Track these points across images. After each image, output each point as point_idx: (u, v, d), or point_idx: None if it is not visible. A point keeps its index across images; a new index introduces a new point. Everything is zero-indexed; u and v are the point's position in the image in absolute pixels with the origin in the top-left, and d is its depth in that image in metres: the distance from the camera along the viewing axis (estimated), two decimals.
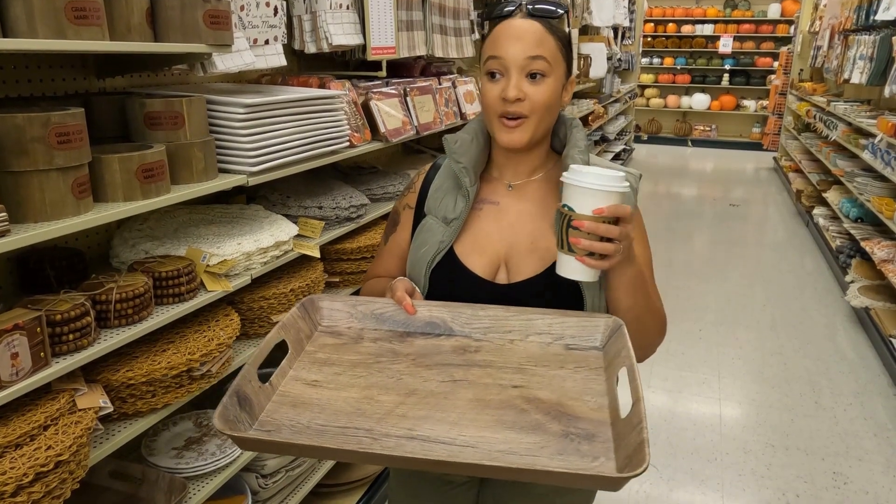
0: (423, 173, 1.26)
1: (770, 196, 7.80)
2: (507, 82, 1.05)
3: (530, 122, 1.07)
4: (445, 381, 0.96)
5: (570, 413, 0.89)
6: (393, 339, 1.08)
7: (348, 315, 1.13)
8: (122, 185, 1.29)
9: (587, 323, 1.05)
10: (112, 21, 1.28)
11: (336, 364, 1.02)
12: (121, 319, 1.32)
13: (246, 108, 1.55)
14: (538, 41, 1.04)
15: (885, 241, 4.23)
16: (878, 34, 4.83)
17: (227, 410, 0.83)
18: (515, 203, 1.17)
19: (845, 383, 3.34)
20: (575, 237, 0.95)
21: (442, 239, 1.15)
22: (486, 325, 1.08)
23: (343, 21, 2.12)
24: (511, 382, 0.96)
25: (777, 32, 10.73)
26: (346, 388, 0.96)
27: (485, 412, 0.89)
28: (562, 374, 0.98)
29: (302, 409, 0.91)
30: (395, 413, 0.89)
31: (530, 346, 1.05)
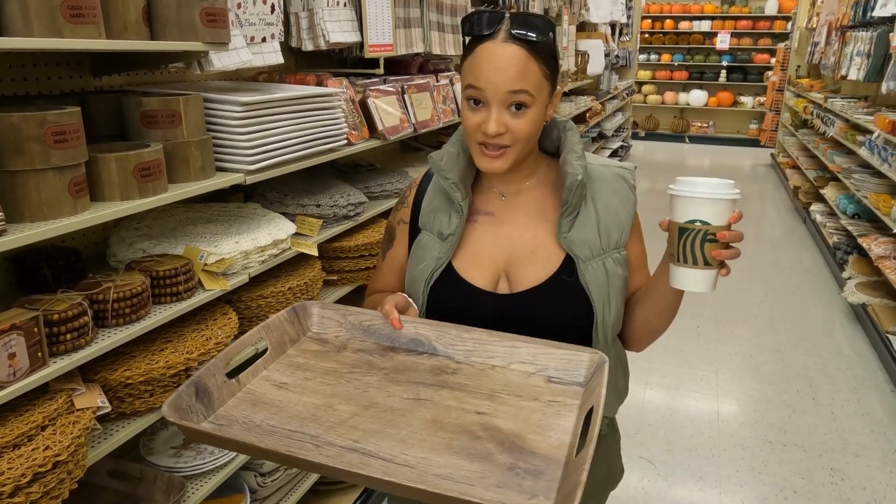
0: (415, 186, 1.23)
1: (767, 192, 7.81)
2: (487, 114, 1.00)
3: (512, 150, 1.04)
4: (408, 399, 0.96)
5: (525, 447, 0.86)
6: (375, 353, 1.08)
7: (338, 324, 1.13)
8: (119, 185, 1.29)
9: (573, 357, 1.02)
10: (108, 19, 1.27)
11: (310, 370, 1.03)
12: (118, 319, 1.31)
13: (243, 107, 1.55)
14: (521, 73, 0.98)
15: (882, 237, 4.24)
16: (876, 30, 4.83)
17: (180, 399, 0.85)
18: (510, 212, 1.15)
19: (842, 379, 3.35)
20: (716, 250, 0.94)
21: (439, 255, 1.13)
22: (469, 348, 1.06)
23: (340, 18, 2.11)
24: (476, 409, 0.94)
25: (774, 29, 10.73)
26: (310, 393, 0.96)
27: (436, 434, 0.88)
28: (532, 406, 0.95)
29: (260, 409, 0.92)
30: (347, 423, 0.89)
31: (511, 374, 1.03)
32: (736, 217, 0.95)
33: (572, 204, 1.07)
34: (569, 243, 1.08)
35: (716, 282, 0.97)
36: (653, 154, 10.37)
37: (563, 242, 1.09)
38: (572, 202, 1.07)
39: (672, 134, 11.54)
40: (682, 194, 0.95)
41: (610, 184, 1.12)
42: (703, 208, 0.94)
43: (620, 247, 1.11)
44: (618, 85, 8.41)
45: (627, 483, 2.53)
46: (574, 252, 1.08)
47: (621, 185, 1.13)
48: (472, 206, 1.15)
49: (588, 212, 1.10)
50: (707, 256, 0.95)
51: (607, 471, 1.25)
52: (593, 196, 1.11)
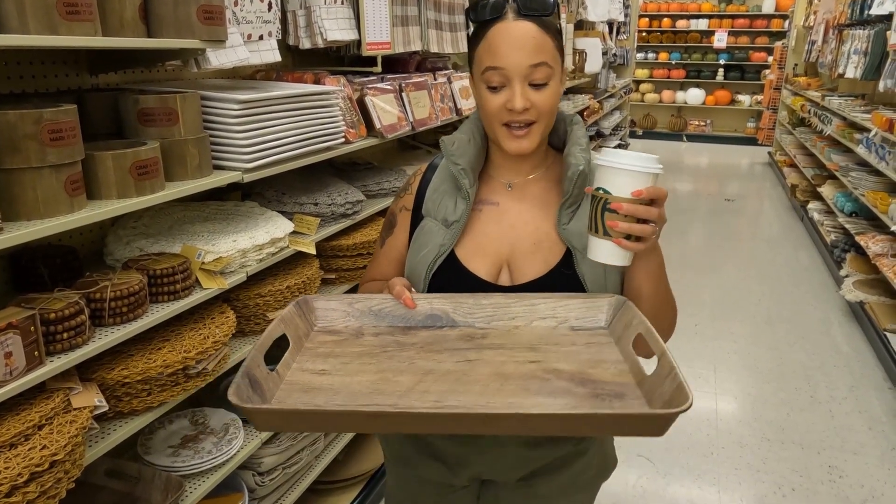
0: (420, 174, 1.23)
1: (765, 191, 7.82)
2: (511, 92, 1.01)
3: (538, 127, 1.05)
4: (460, 362, 0.94)
5: (593, 379, 0.89)
6: (395, 333, 1.05)
7: (345, 314, 1.10)
8: (115, 183, 1.28)
9: (591, 304, 1.05)
10: (105, 16, 1.27)
11: (341, 356, 0.99)
12: (115, 318, 1.31)
13: (240, 105, 1.54)
14: (538, 47, 1.00)
15: (879, 235, 4.25)
16: (873, 28, 4.83)
17: (240, 390, 0.81)
18: (516, 203, 1.15)
19: (840, 377, 3.35)
20: (612, 220, 0.94)
21: (443, 242, 1.12)
22: (489, 314, 1.06)
23: (338, 16, 2.11)
24: (527, 359, 0.95)
25: (772, 27, 10.74)
26: (357, 373, 0.93)
27: (508, 383, 0.88)
28: (575, 349, 0.98)
29: (315, 394, 0.88)
30: (417, 389, 0.87)
31: (536, 329, 1.04)
32: (642, 192, 0.92)
33: (573, 195, 1.07)
34: (568, 235, 1.09)
35: (625, 256, 0.97)
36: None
37: (562, 234, 1.09)
38: (573, 193, 1.07)
39: (670, 132, 11.54)
40: (598, 162, 0.96)
41: None
42: (606, 176, 0.94)
43: None
44: (615, 83, 8.41)
45: (626, 481, 2.53)
46: (572, 244, 1.09)
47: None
48: (478, 195, 1.15)
49: (588, 204, 1.09)
50: (606, 226, 0.95)
51: (600, 462, 1.24)
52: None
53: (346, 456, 2.34)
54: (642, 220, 0.94)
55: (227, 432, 1.70)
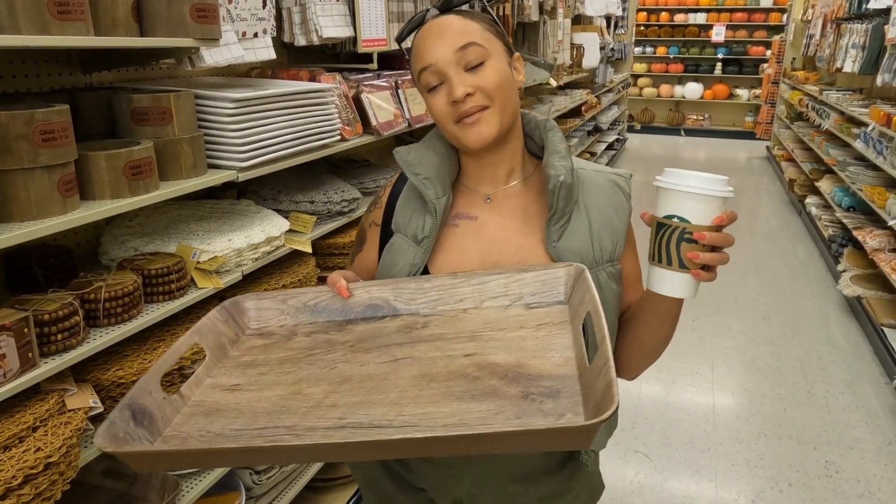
0: (390, 186, 1.14)
1: (763, 185, 7.81)
2: (450, 85, 0.94)
3: (493, 109, 0.95)
4: (386, 362, 0.87)
5: (529, 373, 0.81)
6: (331, 330, 0.98)
7: (279, 312, 1.02)
8: (109, 183, 1.28)
9: (547, 276, 0.95)
10: (97, 15, 1.26)
11: (262, 365, 0.92)
12: (110, 318, 1.31)
13: (235, 103, 1.54)
14: (460, 31, 0.95)
15: (876, 230, 4.25)
16: (871, 22, 4.83)
17: (114, 427, 0.72)
18: (495, 217, 1.05)
19: (837, 372, 3.35)
20: (693, 251, 0.86)
21: (413, 261, 1.03)
22: (434, 298, 0.98)
23: (333, 13, 2.10)
24: (462, 352, 0.87)
25: (770, 21, 10.72)
26: (270, 387, 0.86)
27: (429, 387, 0.81)
28: (521, 335, 0.89)
29: (216, 417, 0.81)
30: (324, 404, 0.80)
31: (486, 312, 0.95)
32: (724, 218, 0.86)
33: (559, 209, 0.99)
34: (559, 254, 1.00)
35: (695, 288, 0.90)
36: (649, 147, 10.36)
37: (552, 252, 1.00)
38: (559, 207, 0.98)
39: (668, 127, 11.53)
40: (665, 185, 0.87)
41: (604, 191, 1.05)
42: (682, 203, 0.86)
43: (614, 259, 1.03)
44: (613, 78, 8.39)
45: (623, 477, 2.54)
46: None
47: (616, 193, 1.05)
48: (453, 208, 1.06)
49: (580, 219, 1.01)
50: (682, 257, 0.86)
51: (589, 495, 1.17)
52: (586, 202, 1.03)
53: None
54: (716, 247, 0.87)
55: None
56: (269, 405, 0.81)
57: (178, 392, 0.84)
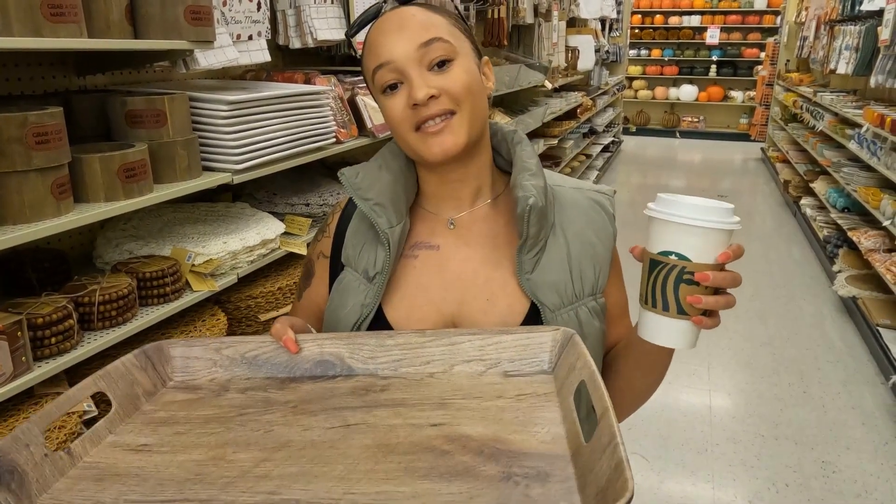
0: (339, 211, 0.98)
1: (758, 186, 7.84)
2: (409, 85, 0.80)
3: (460, 116, 0.81)
4: (334, 428, 0.72)
5: (510, 449, 0.67)
6: (270, 387, 0.82)
7: (210, 362, 0.86)
8: (103, 186, 1.27)
9: (529, 340, 0.82)
10: (90, 18, 1.26)
11: (181, 423, 0.76)
12: (105, 321, 1.30)
13: (229, 106, 1.53)
14: (424, 24, 0.81)
15: (871, 230, 4.26)
16: (864, 24, 4.85)
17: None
18: (461, 246, 0.91)
19: (833, 372, 3.36)
20: (695, 294, 0.72)
21: (365, 301, 0.88)
22: (397, 358, 0.83)
23: (328, 16, 2.10)
24: (429, 420, 0.72)
25: (764, 23, 10.77)
26: (187, 449, 0.70)
27: (387, 460, 0.66)
28: (499, 405, 0.75)
29: (110, 483, 0.65)
30: (253, 473, 0.65)
31: (457, 377, 0.81)
32: (730, 255, 0.73)
33: (531, 235, 0.85)
34: (533, 287, 0.86)
35: (695, 336, 0.76)
36: (644, 149, 10.39)
37: (525, 286, 0.86)
38: (530, 233, 0.85)
39: (663, 129, 11.56)
40: (659, 216, 0.72)
41: (584, 211, 0.91)
42: (681, 238, 0.71)
43: (597, 292, 0.89)
44: (608, 80, 8.42)
45: None
46: (539, 299, 0.86)
47: (598, 214, 0.92)
48: (411, 237, 0.91)
49: (557, 246, 0.88)
50: (681, 302, 0.72)
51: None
52: (563, 227, 0.89)
53: None
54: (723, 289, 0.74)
55: None
56: (182, 472, 0.67)
57: (65, 449, 0.70)
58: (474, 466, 0.64)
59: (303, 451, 0.68)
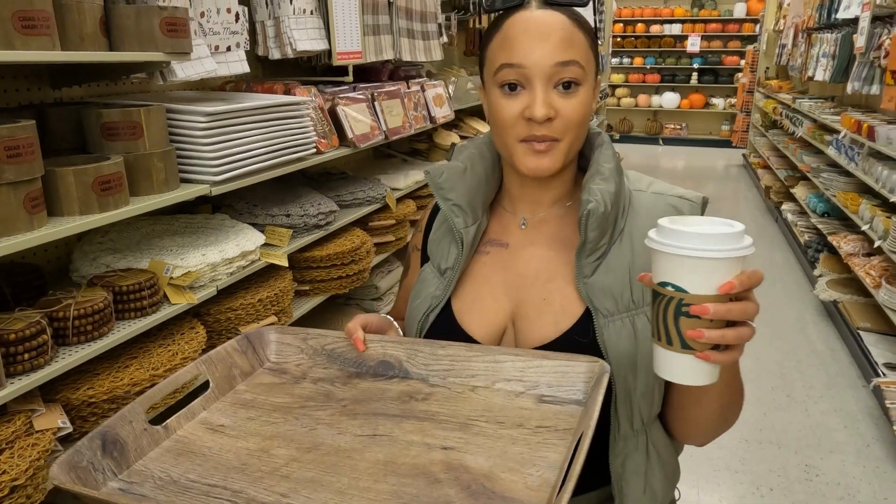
0: (431, 207, 1.04)
1: (740, 192, 7.92)
2: (531, 97, 0.80)
3: (562, 144, 0.83)
4: (362, 436, 0.81)
5: (495, 490, 0.71)
6: (337, 381, 0.93)
7: (299, 350, 0.98)
8: (77, 199, 1.26)
9: (567, 368, 0.84)
10: (64, 30, 1.25)
11: (256, 408, 0.88)
12: (80, 336, 1.28)
13: (207, 117, 1.53)
14: (567, 40, 0.80)
15: (851, 235, 4.32)
16: (840, 32, 4.93)
17: (79, 455, 0.70)
18: (528, 245, 0.93)
19: (816, 376, 3.39)
20: (694, 329, 0.67)
21: (435, 293, 0.94)
22: (446, 367, 0.90)
23: (307, 27, 2.10)
24: (443, 443, 0.79)
25: (743, 31, 10.91)
26: (247, 436, 0.82)
27: (386, 479, 0.73)
28: (513, 435, 0.79)
29: (184, 459, 0.77)
30: (279, 473, 0.75)
31: (495, 395, 0.86)
32: (734, 285, 0.66)
33: (590, 240, 0.84)
34: (589, 291, 0.86)
35: (711, 372, 0.70)
36: (628, 156, 10.46)
37: (581, 290, 0.86)
38: (588, 237, 0.84)
39: (646, 136, 11.66)
40: (653, 245, 0.68)
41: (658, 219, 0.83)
42: (675, 268, 0.67)
43: None
44: None
45: None
46: (594, 303, 0.85)
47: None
48: (487, 234, 0.96)
49: (622, 252, 0.86)
50: (683, 336, 0.68)
51: None
52: (632, 233, 0.87)
53: None
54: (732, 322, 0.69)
55: None
56: (233, 458, 0.78)
57: (164, 424, 0.81)
58: (453, 502, 0.68)
59: (325, 458, 0.77)
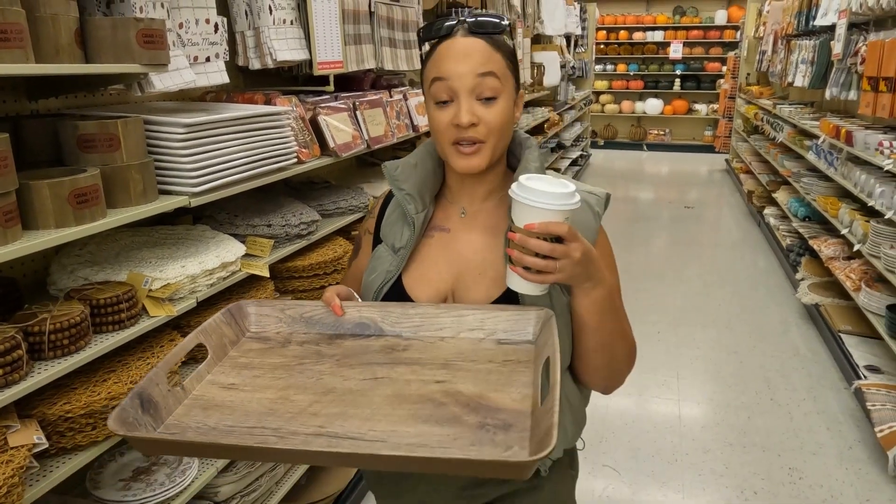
0: (383, 197, 1.22)
1: (723, 197, 7.99)
2: (457, 107, 0.99)
3: (487, 146, 1.01)
4: (365, 380, 0.96)
5: (489, 405, 0.89)
6: (321, 342, 1.06)
7: (277, 319, 1.11)
8: (53, 212, 1.25)
9: (519, 316, 1.03)
10: (39, 42, 1.24)
11: (257, 367, 1.01)
12: (56, 350, 1.27)
13: (186, 128, 1.52)
14: (485, 58, 0.99)
15: (831, 238, 4.37)
16: (818, 39, 5.00)
17: (125, 412, 0.82)
18: (466, 231, 1.12)
19: (799, 379, 3.42)
20: (510, 248, 0.92)
21: (389, 269, 1.11)
22: (417, 324, 1.06)
23: (287, 36, 2.10)
24: (434, 378, 0.95)
25: (724, 38, 11.04)
26: (262, 389, 0.95)
27: (401, 407, 0.89)
28: (488, 368, 0.97)
29: (212, 412, 0.90)
30: (308, 412, 0.88)
31: (462, 342, 1.04)
32: (539, 227, 0.88)
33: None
34: None
35: (531, 286, 0.93)
36: (612, 162, 10.53)
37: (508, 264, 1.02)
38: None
39: (630, 142, 11.74)
40: (510, 191, 0.93)
41: None
42: (512, 206, 0.92)
43: None
44: (575, 96, 8.53)
45: (592, 491, 2.54)
46: None
47: (584, 212, 1.07)
48: (433, 220, 1.13)
49: None
50: (505, 252, 0.96)
51: (556, 490, 1.17)
52: None
53: (309, 480, 2.30)
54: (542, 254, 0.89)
55: (180, 462, 1.66)
56: (259, 406, 0.90)
57: (180, 385, 0.93)
58: (461, 416, 0.86)
59: (343, 397, 0.91)
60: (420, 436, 0.83)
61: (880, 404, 2.87)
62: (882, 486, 2.55)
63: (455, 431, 0.83)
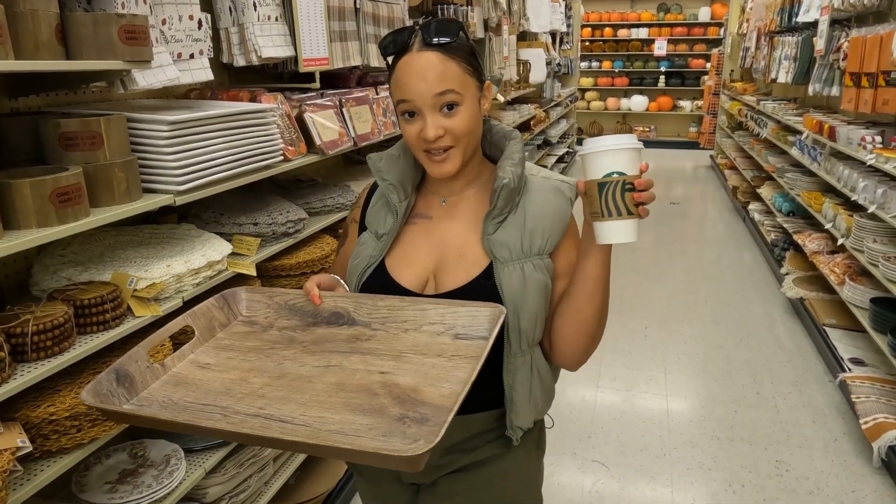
0: (368, 188, 1.27)
1: (708, 193, 8.04)
2: (423, 122, 1.04)
3: (457, 150, 1.07)
4: (318, 367, 1.02)
5: (417, 398, 0.93)
6: (298, 329, 1.14)
7: (266, 305, 1.19)
8: (34, 211, 1.23)
9: (476, 313, 1.07)
10: (18, 39, 1.22)
11: (234, 350, 1.09)
12: (39, 352, 1.25)
13: (169, 126, 1.50)
14: (441, 75, 1.03)
15: (815, 233, 4.41)
16: (801, 35, 5.04)
17: (100, 385, 0.92)
18: (448, 217, 1.17)
19: (784, 373, 3.45)
20: (638, 196, 0.96)
21: (372, 253, 1.17)
22: (384, 315, 1.12)
23: (272, 33, 2.08)
24: (380, 369, 1.01)
25: (708, 35, 11.10)
26: (229, 370, 1.03)
27: (337, 395, 0.95)
28: (433, 362, 1.02)
29: (180, 388, 0.99)
30: (256, 394, 0.96)
31: (421, 335, 1.09)
32: (645, 166, 0.98)
33: (498, 207, 1.09)
34: (490, 245, 1.10)
35: (637, 230, 0.99)
36: None
37: (486, 244, 1.10)
38: (497, 205, 1.09)
39: None
40: (595, 150, 0.97)
41: (545, 194, 1.14)
42: (617, 159, 0.96)
43: (543, 253, 1.11)
44: (561, 92, 8.55)
45: (581, 487, 2.55)
46: (494, 253, 1.10)
47: (557, 198, 1.14)
48: (415, 208, 1.20)
49: (517, 218, 1.11)
50: (629, 205, 0.97)
51: (512, 496, 1.22)
52: (525, 205, 1.12)
53: (298, 479, 2.29)
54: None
55: (168, 464, 1.64)
56: (219, 386, 0.99)
57: (161, 362, 1.02)
58: (387, 407, 0.92)
59: (291, 382, 0.99)
60: (342, 423, 0.89)
61: (865, 396, 2.90)
62: (867, 478, 2.58)
63: (374, 422, 0.89)
